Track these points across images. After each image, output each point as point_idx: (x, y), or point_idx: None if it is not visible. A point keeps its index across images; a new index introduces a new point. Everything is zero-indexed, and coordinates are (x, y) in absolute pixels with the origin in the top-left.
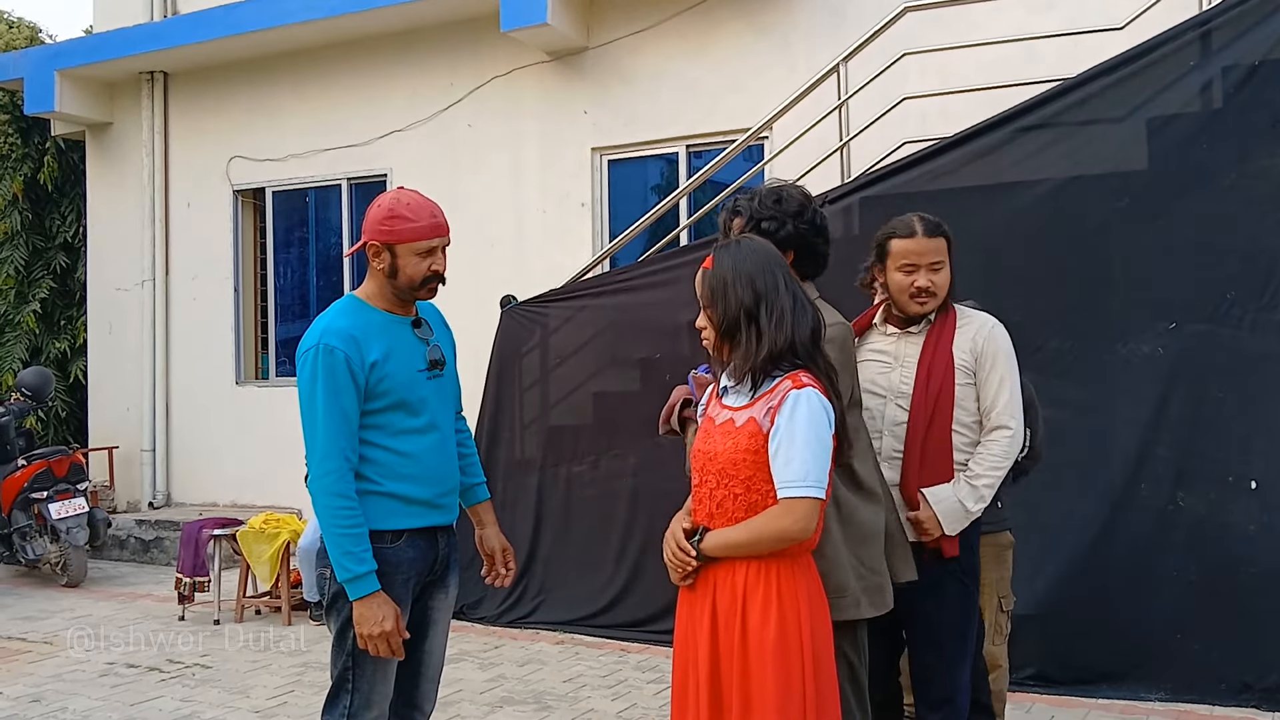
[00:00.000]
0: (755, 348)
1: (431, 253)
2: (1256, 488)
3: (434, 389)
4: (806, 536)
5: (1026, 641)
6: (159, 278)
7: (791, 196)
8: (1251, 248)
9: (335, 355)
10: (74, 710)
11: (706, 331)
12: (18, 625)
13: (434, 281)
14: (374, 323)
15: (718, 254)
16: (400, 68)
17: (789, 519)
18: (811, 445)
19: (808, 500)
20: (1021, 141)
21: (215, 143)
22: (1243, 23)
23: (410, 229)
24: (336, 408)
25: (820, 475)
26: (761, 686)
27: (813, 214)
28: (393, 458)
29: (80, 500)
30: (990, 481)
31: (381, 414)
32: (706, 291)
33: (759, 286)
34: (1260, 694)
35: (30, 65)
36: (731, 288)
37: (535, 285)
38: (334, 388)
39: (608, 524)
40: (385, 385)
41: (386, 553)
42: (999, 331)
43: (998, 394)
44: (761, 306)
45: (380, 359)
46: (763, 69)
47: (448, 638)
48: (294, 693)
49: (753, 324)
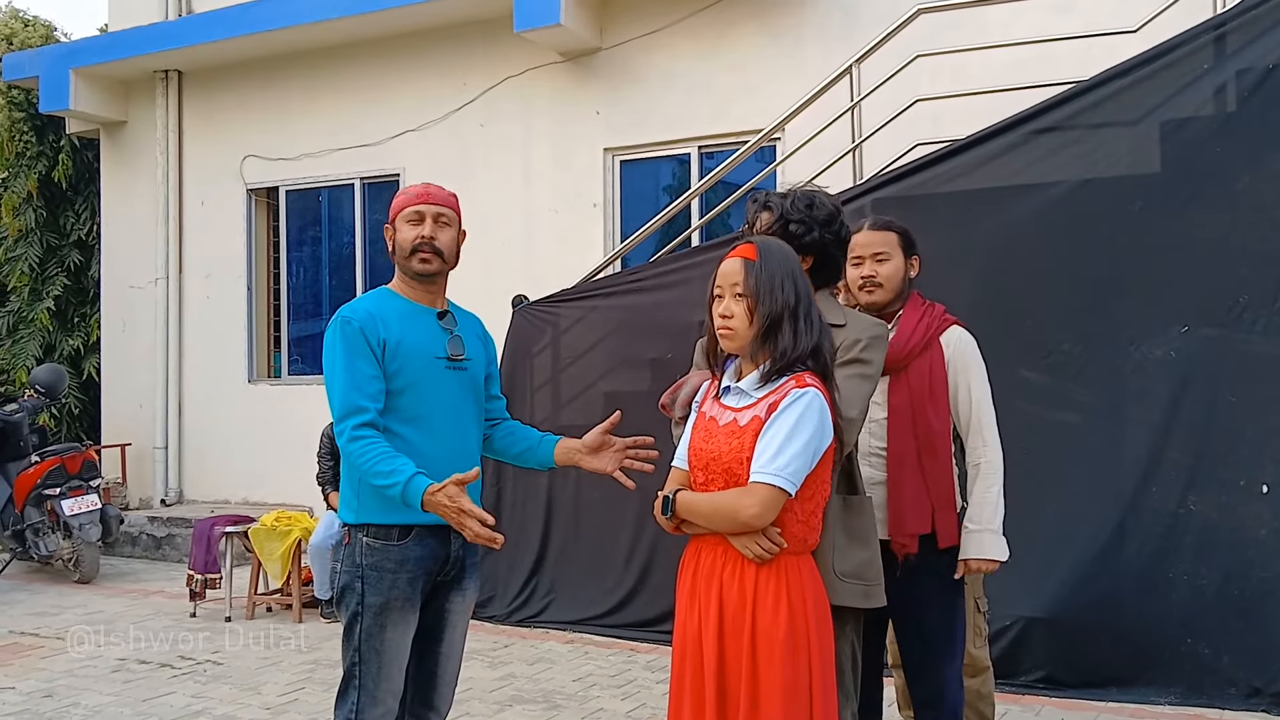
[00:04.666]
0: (793, 346)
1: (420, 220)
2: (1268, 492)
3: (455, 381)
4: (760, 524)
5: (1036, 645)
6: (172, 276)
7: (824, 204)
8: (1264, 251)
9: (351, 325)
10: (86, 706)
11: (735, 320)
12: (30, 621)
13: (424, 250)
14: (396, 308)
15: (764, 248)
16: (413, 68)
17: (747, 500)
18: (795, 441)
19: (773, 489)
20: (1035, 144)
21: (229, 141)
22: (1257, 26)
23: (401, 200)
24: (353, 367)
25: (794, 471)
26: (769, 683)
27: (840, 225)
28: (404, 446)
29: (93, 497)
30: (995, 505)
31: (395, 397)
32: (752, 284)
33: (800, 288)
34: (1270, 698)
35: (45, 63)
36: (780, 284)
37: (547, 285)
38: (350, 351)
39: (617, 524)
40: (398, 364)
41: (393, 550)
42: (967, 339)
43: (971, 417)
44: (801, 307)
45: (396, 339)
46: (775, 70)
47: (465, 639)
48: (305, 690)
49: (794, 323)
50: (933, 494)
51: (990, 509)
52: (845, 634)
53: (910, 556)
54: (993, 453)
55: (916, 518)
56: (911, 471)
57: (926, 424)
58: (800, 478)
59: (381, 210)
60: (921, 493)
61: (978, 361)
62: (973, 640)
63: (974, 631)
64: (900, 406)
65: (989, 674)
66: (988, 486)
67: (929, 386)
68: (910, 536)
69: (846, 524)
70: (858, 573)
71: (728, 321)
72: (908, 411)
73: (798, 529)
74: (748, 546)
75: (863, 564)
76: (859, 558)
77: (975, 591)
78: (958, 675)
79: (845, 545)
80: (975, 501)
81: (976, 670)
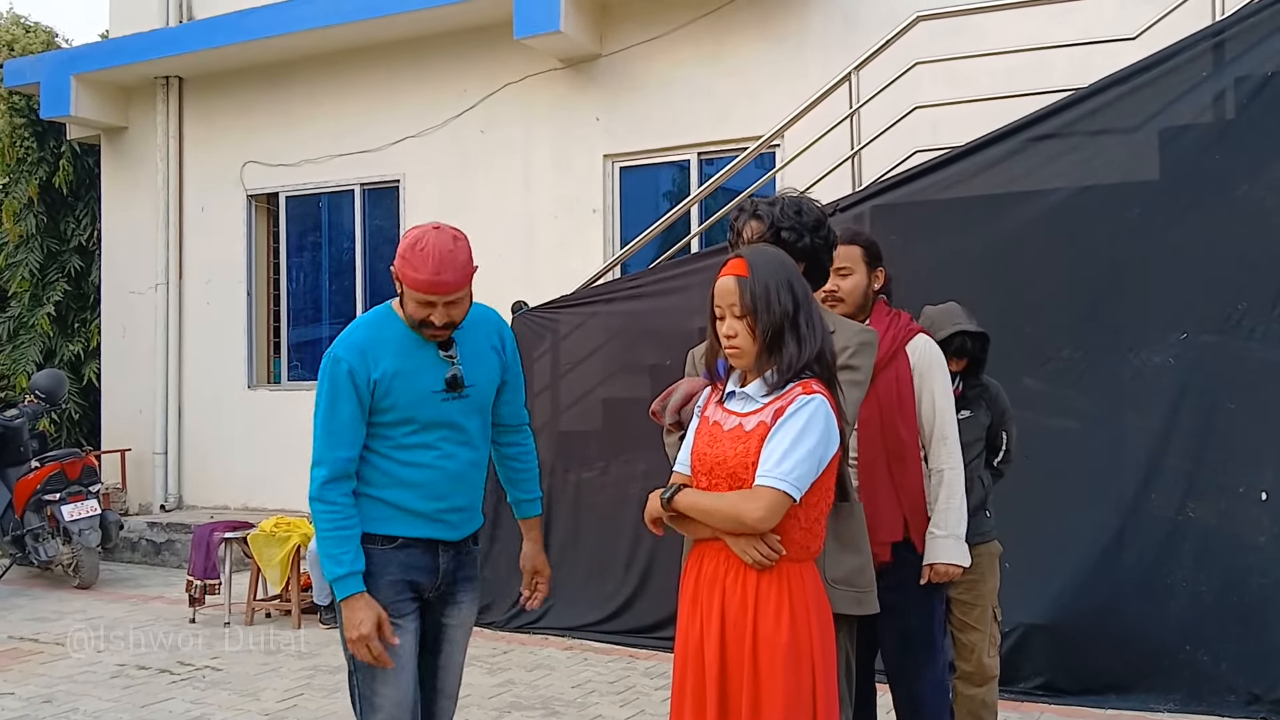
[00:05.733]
0: (797, 356)
1: (430, 305)
2: (1267, 499)
3: (457, 408)
4: (763, 528)
5: (1035, 651)
6: (172, 281)
7: (811, 209)
8: (1263, 259)
9: (340, 366)
10: (85, 711)
11: (739, 339)
12: (30, 626)
13: (429, 330)
14: (392, 337)
15: (753, 260)
16: (413, 74)
17: (751, 504)
18: (801, 446)
19: (777, 493)
20: (1033, 151)
21: (229, 147)
22: (1256, 33)
23: (411, 278)
24: (334, 416)
25: (799, 476)
26: (771, 690)
27: (827, 230)
28: (394, 466)
29: (92, 502)
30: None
31: (387, 426)
32: (747, 300)
33: (797, 293)
34: (1270, 705)
35: (47, 69)
36: (775, 295)
37: (546, 291)
38: (334, 397)
39: (617, 530)
40: (390, 401)
41: (375, 554)
42: (933, 348)
43: (934, 425)
44: (800, 313)
45: (386, 375)
46: (775, 77)
47: (465, 653)
48: (304, 695)
49: (795, 331)
50: (904, 503)
51: (955, 515)
52: (839, 640)
53: (886, 563)
54: (954, 460)
55: (887, 527)
56: (882, 481)
57: (895, 434)
58: (806, 483)
59: (382, 216)
60: (892, 502)
61: (943, 370)
62: (986, 650)
63: (989, 641)
64: (869, 418)
65: (995, 684)
66: (951, 494)
67: (897, 397)
68: (882, 545)
69: (838, 531)
70: (850, 579)
71: (733, 341)
72: (876, 422)
73: (800, 536)
74: (746, 552)
75: (855, 570)
76: (851, 564)
77: (991, 601)
78: (937, 679)
79: (837, 552)
80: (939, 509)
81: (985, 679)
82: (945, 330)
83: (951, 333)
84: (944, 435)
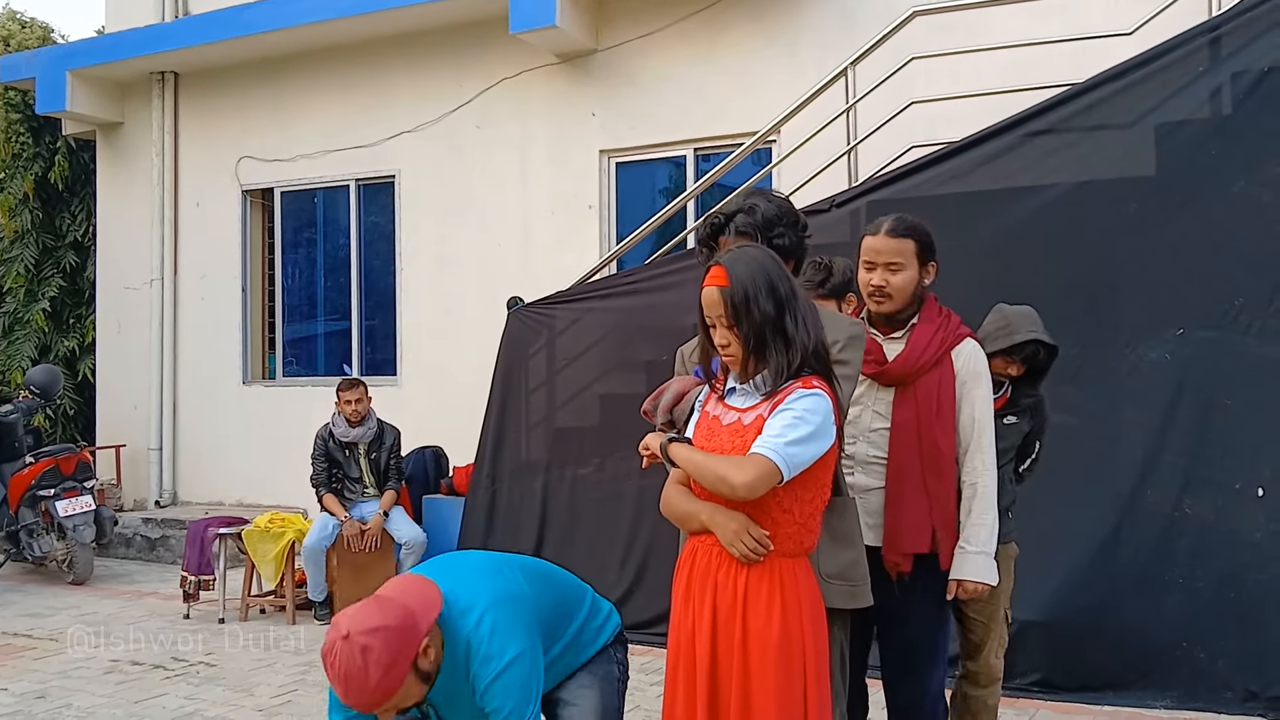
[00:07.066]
0: (787, 357)
1: None
2: (1263, 495)
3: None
4: (748, 495)
5: (1031, 648)
6: (168, 277)
7: (788, 210)
8: (1260, 254)
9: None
10: (78, 707)
11: (732, 348)
12: (24, 622)
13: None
14: None
15: (730, 268)
16: (409, 69)
17: (738, 468)
18: (797, 428)
19: (768, 463)
20: (1030, 146)
21: (225, 143)
22: (1253, 29)
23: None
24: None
25: (793, 455)
26: (762, 685)
27: (804, 224)
28: None
29: (87, 498)
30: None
31: None
32: (729, 309)
33: (780, 295)
34: (1266, 702)
35: (42, 65)
36: (754, 301)
37: (542, 287)
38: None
39: (613, 526)
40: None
41: None
42: (979, 356)
43: (972, 437)
44: (785, 314)
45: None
46: (771, 73)
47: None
48: (298, 691)
49: (780, 334)
50: (936, 516)
51: (987, 531)
52: (833, 635)
53: (904, 575)
54: (990, 475)
55: (914, 538)
56: (913, 490)
57: (933, 442)
58: (797, 465)
59: (377, 212)
60: (923, 513)
61: (986, 380)
62: (994, 650)
63: (998, 643)
64: (905, 422)
65: (998, 687)
66: (985, 509)
67: (937, 404)
68: (904, 555)
69: (830, 525)
70: (843, 574)
71: (727, 350)
72: (913, 428)
73: (793, 530)
74: (733, 545)
75: (848, 565)
76: (844, 559)
77: (1004, 603)
78: (936, 689)
79: (829, 546)
80: (972, 523)
81: (990, 680)
82: (1021, 336)
83: (1026, 339)
84: (981, 448)
